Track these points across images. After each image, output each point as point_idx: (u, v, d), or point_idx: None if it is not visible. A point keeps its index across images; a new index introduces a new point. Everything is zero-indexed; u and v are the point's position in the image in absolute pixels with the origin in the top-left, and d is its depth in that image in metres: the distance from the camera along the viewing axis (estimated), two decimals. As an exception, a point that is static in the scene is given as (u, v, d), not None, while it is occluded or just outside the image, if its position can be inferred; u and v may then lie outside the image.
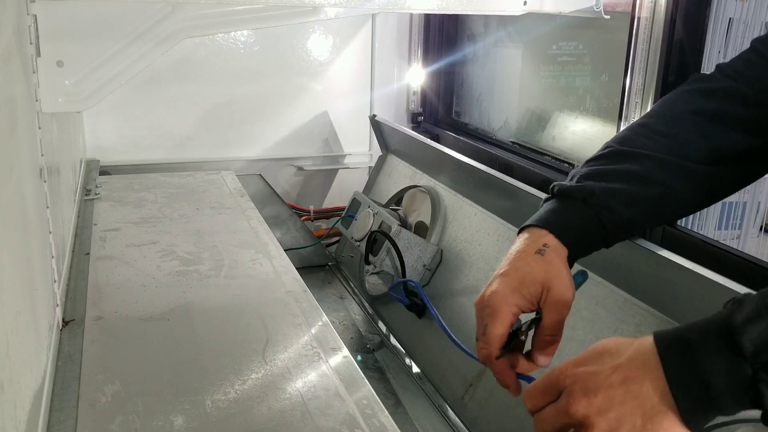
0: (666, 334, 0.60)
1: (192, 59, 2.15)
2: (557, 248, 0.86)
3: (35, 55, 1.01)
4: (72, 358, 0.93)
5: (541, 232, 0.86)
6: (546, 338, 0.79)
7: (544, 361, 0.80)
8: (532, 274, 0.81)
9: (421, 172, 1.80)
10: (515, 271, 0.82)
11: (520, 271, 0.82)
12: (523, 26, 2.07)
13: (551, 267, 0.83)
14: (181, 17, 1.11)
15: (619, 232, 0.89)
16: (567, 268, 0.84)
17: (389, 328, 1.61)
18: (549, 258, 0.83)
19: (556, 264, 0.83)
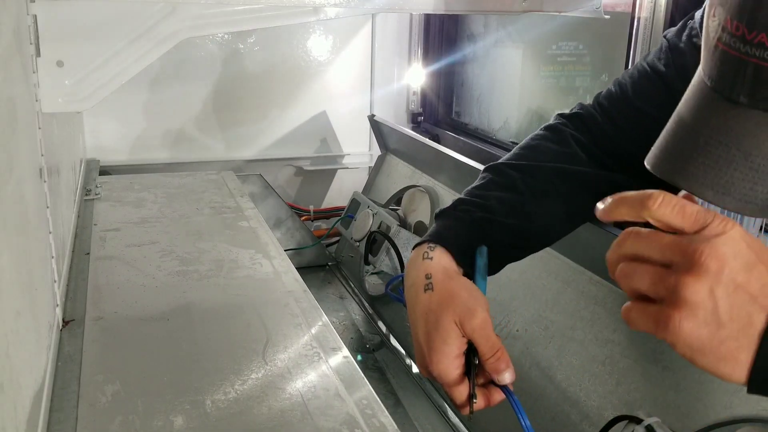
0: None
1: (192, 59, 2.15)
2: (439, 259, 0.84)
3: (35, 55, 1.01)
4: (72, 358, 0.93)
5: (418, 251, 0.86)
6: (490, 363, 0.79)
7: (505, 378, 0.79)
8: (441, 324, 0.80)
9: (421, 172, 1.80)
10: (427, 328, 0.81)
11: (431, 325, 0.81)
12: (523, 26, 2.07)
13: (448, 299, 0.81)
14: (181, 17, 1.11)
15: (502, 230, 0.89)
16: (459, 282, 0.83)
17: (389, 328, 1.61)
18: (438, 289, 0.82)
19: (449, 289, 0.82)
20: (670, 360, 0.93)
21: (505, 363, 0.79)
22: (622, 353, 1.00)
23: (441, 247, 0.86)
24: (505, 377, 0.78)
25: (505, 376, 0.78)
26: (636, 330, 0.55)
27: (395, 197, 1.81)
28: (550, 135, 0.97)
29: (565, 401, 1.05)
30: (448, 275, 0.83)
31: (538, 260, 1.21)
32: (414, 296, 0.85)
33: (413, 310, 0.85)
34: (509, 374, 0.79)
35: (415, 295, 0.84)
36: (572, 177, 0.93)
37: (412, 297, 0.85)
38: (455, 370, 0.80)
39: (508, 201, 0.90)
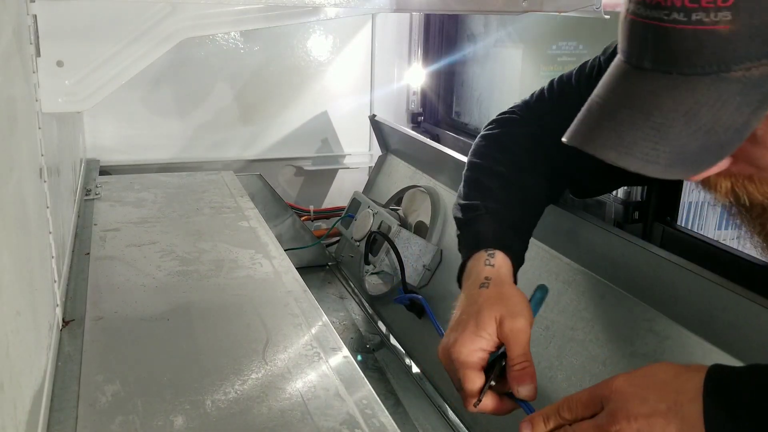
0: (717, 383, 0.60)
1: (192, 59, 2.14)
2: (500, 265, 0.89)
3: (35, 55, 1.01)
4: (72, 358, 0.93)
5: (480, 255, 0.90)
6: (515, 371, 0.79)
7: (525, 391, 0.79)
8: (482, 314, 0.82)
9: (421, 172, 1.80)
10: (467, 315, 0.84)
11: (472, 314, 0.83)
12: (523, 26, 2.07)
13: (498, 298, 0.84)
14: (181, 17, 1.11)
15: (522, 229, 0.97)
16: (514, 289, 0.87)
17: (389, 328, 1.61)
18: (493, 289, 0.86)
19: (502, 292, 0.85)
20: (670, 360, 0.93)
21: (530, 377, 0.79)
22: (623, 353, 1.00)
23: (501, 253, 0.90)
24: (524, 389, 0.78)
25: (525, 389, 0.78)
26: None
27: (396, 197, 1.81)
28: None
29: (566, 401, 1.05)
30: (506, 281, 0.88)
31: (539, 261, 1.21)
32: (468, 289, 0.88)
33: (462, 300, 0.87)
34: (530, 389, 0.79)
35: (469, 288, 0.88)
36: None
37: (467, 289, 0.88)
38: (475, 359, 0.80)
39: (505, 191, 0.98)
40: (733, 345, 0.85)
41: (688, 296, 0.93)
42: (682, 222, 1.41)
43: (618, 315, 1.04)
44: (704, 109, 0.57)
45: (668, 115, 0.59)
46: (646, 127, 0.59)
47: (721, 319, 0.87)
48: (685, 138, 0.58)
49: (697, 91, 0.58)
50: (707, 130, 0.58)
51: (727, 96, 0.57)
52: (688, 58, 0.57)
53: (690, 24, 0.56)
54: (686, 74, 0.58)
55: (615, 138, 0.61)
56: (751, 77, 0.56)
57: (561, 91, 1.05)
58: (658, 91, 0.59)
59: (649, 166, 0.59)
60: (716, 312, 0.88)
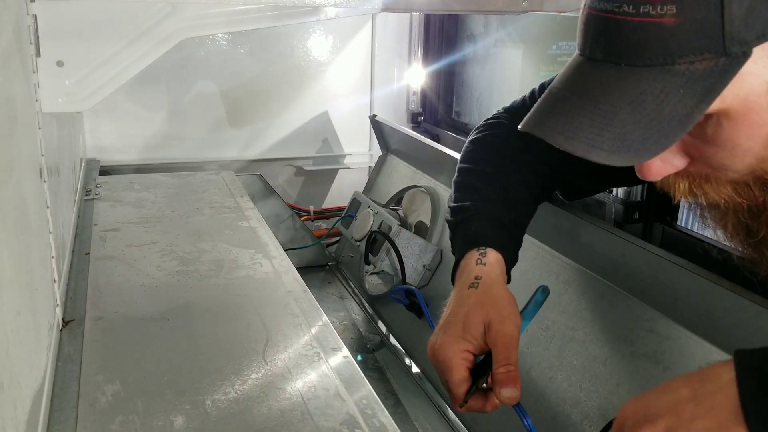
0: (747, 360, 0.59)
1: (192, 59, 2.14)
2: (492, 264, 0.90)
3: (35, 55, 1.01)
4: (72, 358, 0.93)
5: (472, 254, 0.91)
6: (499, 374, 0.79)
7: (507, 394, 0.79)
8: (470, 318, 0.83)
9: (421, 172, 1.80)
10: (455, 317, 0.85)
11: (460, 315, 0.84)
12: (523, 26, 2.07)
13: (486, 300, 0.85)
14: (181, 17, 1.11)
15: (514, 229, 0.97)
16: (503, 291, 0.87)
17: (389, 328, 1.61)
18: (483, 290, 0.86)
19: (492, 293, 0.86)
20: (670, 360, 0.93)
21: (513, 381, 0.79)
22: (623, 353, 1.00)
23: (493, 251, 0.91)
24: (507, 392, 0.79)
25: (507, 392, 0.79)
26: None
27: (396, 197, 1.81)
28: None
29: (566, 401, 1.05)
30: (496, 281, 0.88)
31: (540, 261, 1.21)
32: (458, 288, 0.89)
33: (452, 300, 0.88)
34: (512, 393, 0.79)
35: (459, 288, 0.89)
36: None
37: (457, 290, 0.89)
38: (460, 361, 0.81)
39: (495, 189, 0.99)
40: (733, 345, 0.85)
41: (688, 296, 0.93)
42: (682, 222, 1.41)
43: (618, 315, 1.04)
44: (649, 99, 0.59)
45: (614, 102, 0.60)
46: (592, 114, 0.61)
47: (721, 319, 0.87)
48: (629, 126, 0.60)
49: (642, 82, 0.59)
50: (651, 119, 0.59)
51: (671, 88, 0.58)
52: (635, 49, 0.59)
53: (638, 16, 0.58)
54: (634, 65, 0.60)
55: (563, 123, 0.63)
56: (694, 71, 0.58)
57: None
58: (606, 80, 0.61)
59: (593, 151, 0.61)
60: (716, 312, 0.88)
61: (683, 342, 0.92)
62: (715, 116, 0.60)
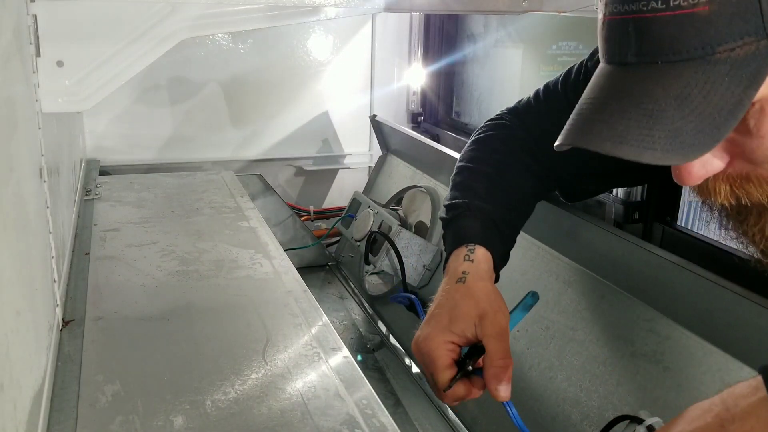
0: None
1: (192, 59, 2.14)
2: (480, 260, 0.90)
3: (35, 55, 1.01)
4: (72, 358, 0.93)
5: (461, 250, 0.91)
6: (495, 368, 0.79)
7: (504, 391, 0.78)
8: (458, 309, 0.83)
9: (421, 172, 1.80)
10: (441, 309, 0.84)
11: (446, 308, 0.84)
12: (523, 26, 2.07)
13: (475, 294, 0.84)
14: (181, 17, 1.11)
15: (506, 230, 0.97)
16: (490, 285, 0.87)
17: (389, 328, 1.61)
18: (471, 284, 0.86)
19: (479, 287, 0.86)
20: (671, 360, 0.93)
21: (508, 377, 0.79)
22: (623, 353, 1.00)
23: (481, 248, 0.90)
24: (504, 389, 0.78)
25: (504, 388, 0.78)
26: None
27: (396, 197, 1.81)
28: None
29: (566, 401, 1.05)
30: (483, 276, 0.88)
31: (540, 261, 1.21)
32: (445, 283, 0.89)
33: (438, 294, 0.88)
34: (506, 389, 0.78)
35: (446, 283, 0.88)
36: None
37: (443, 284, 0.89)
38: (445, 353, 0.81)
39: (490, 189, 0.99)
40: (734, 345, 0.85)
41: (688, 296, 0.93)
42: (682, 222, 1.41)
43: (618, 315, 1.04)
44: (695, 92, 0.57)
45: (659, 100, 0.58)
46: (637, 115, 0.59)
47: (722, 319, 0.87)
48: (678, 121, 0.58)
49: (684, 76, 0.57)
50: (700, 112, 0.57)
51: (716, 77, 0.57)
52: (671, 44, 0.57)
53: (669, 10, 0.56)
54: (672, 61, 0.58)
55: (607, 129, 0.60)
56: (736, 57, 0.56)
57: (547, 97, 1.06)
58: (645, 81, 0.59)
59: (645, 152, 0.58)
60: (716, 312, 0.88)
61: (683, 342, 0.92)
62: (758, 105, 0.58)
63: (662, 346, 0.94)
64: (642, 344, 0.97)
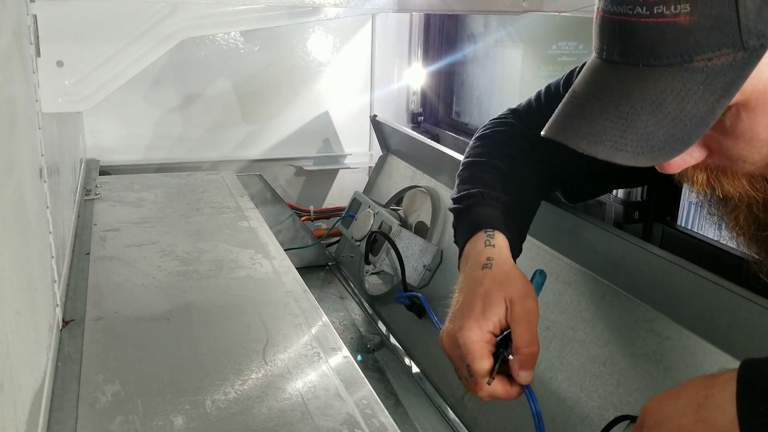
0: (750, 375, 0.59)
1: (192, 59, 2.14)
2: (501, 246, 0.88)
3: (35, 55, 1.01)
4: (72, 358, 0.93)
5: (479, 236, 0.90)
6: (523, 354, 0.79)
7: (527, 376, 0.79)
8: (490, 296, 0.82)
9: (422, 172, 1.80)
10: (472, 297, 0.83)
11: (478, 295, 0.82)
12: (523, 26, 2.07)
13: (504, 279, 0.83)
14: (181, 17, 1.11)
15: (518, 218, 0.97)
16: (518, 271, 0.86)
17: (389, 328, 1.61)
18: (498, 270, 0.85)
19: (507, 272, 0.85)
20: (671, 360, 0.93)
21: (534, 361, 0.79)
22: (623, 354, 1.00)
23: (501, 234, 0.89)
24: (527, 374, 0.79)
25: (527, 374, 0.79)
26: None
27: (396, 197, 1.81)
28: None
29: (566, 401, 1.05)
30: (508, 261, 0.87)
31: (540, 261, 1.21)
32: (470, 271, 0.86)
33: (463, 283, 0.86)
34: (530, 375, 0.79)
35: (471, 270, 0.86)
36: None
37: (468, 271, 0.87)
38: (484, 342, 0.80)
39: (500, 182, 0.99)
40: (734, 345, 0.85)
41: (689, 296, 0.93)
42: (682, 222, 1.41)
43: (618, 315, 1.04)
44: (669, 98, 0.59)
45: (635, 104, 0.60)
46: (614, 116, 0.61)
47: (722, 319, 0.87)
48: (651, 126, 0.60)
49: (662, 81, 0.60)
50: (673, 118, 0.59)
51: (691, 85, 0.59)
52: (652, 50, 0.59)
53: (653, 17, 0.58)
54: (651, 65, 0.60)
55: (586, 127, 0.63)
56: (713, 67, 0.58)
57: (549, 99, 1.07)
58: (625, 82, 0.61)
59: (617, 153, 0.61)
60: (716, 312, 0.88)
61: (683, 342, 0.92)
62: (735, 108, 0.61)
63: (662, 346, 0.94)
64: (642, 344, 0.97)
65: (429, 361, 1.43)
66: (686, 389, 0.63)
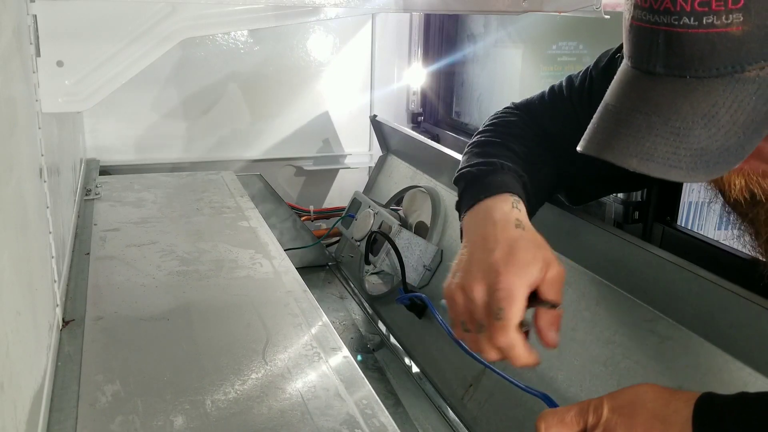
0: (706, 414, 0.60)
1: (192, 59, 2.14)
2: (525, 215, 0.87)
3: (35, 55, 1.01)
4: (72, 358, 0.93)
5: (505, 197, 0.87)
6: (553, 315, 0.79)
7: (556, 337, 0.79)
8: (528, 252, 0.80)
9: (422, 172, 1.80)
10: (511, 249, 0.80)
11: (518, 249, 0.80)
12: (523, 26, 2.07)
13: (540, 241, 0.83)
14: (181, 17, 1.11)
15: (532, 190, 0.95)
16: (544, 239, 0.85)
17: (389, 328, 1.61)
18: (531, 233, 0.84)
19: (539, 237, 0.84)
20: (671, 360, 0.93)
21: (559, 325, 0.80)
22: (624, 354, 1.00)
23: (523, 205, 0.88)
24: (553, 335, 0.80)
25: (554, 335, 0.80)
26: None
27: (396, 197, 1.81)
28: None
29: (566, 402, 1.05)
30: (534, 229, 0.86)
31: (539, 260, 1.21)
32: (501, 228, 0.83)
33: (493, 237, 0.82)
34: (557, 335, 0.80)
35: (502, 227, 0.83)
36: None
37: (498, 229, 0.83)
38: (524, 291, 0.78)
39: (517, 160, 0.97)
40: (734, 345, 0.85)
41: (689, 296, 0.93)
42: (682, 222, 1.41)
43: (618, 315, 1.04)
44: (722, 111, 0.57)
45: (686, 118, 0.58)
46: (665, 132, 0.59)
47: (722, 319, 0.87)
48: (705, 140, 0.58)
49: (713, 93, 0.58)
50: (726, 131, 0.58)
51: (744, 96, 0.57)
52: (701, 61, 0.57)
53: (702, 28, 0.56)
54: (701, 77, 0.58)
55: (634, 144, 0.60)
56: (765, 76, 0.57)
57: (553, 101, 1.06)
58: (673, 95, 0.59)
59: (671, 170, 0.59)
60: (717, 312, 0.88)
61: (684, 342, 0.92)
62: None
63: (663, 346, 0.94)
64: (642, 345, 0.97)
65: (429, 361, 1.43)
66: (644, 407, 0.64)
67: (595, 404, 0.67)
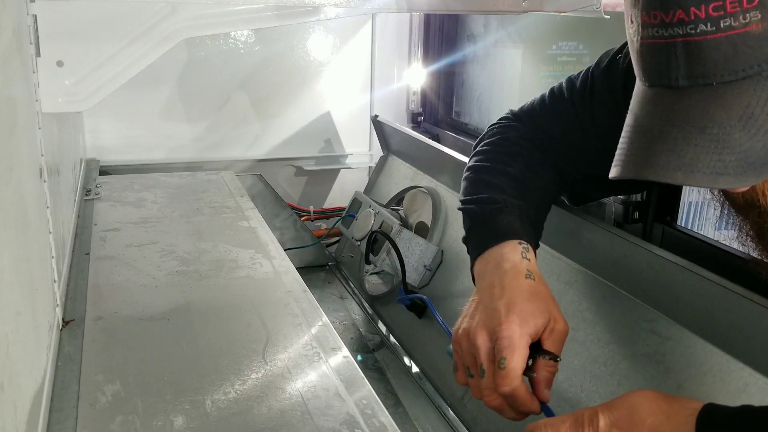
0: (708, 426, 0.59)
1: (192, 59, 2.14)
2: (534, 263, 0.88)
3: (35, 55, 1.01)
4: (72, 358, 0.93)
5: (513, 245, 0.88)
6: (550, 372, 0.80)
7: (547, 395, 0.80)
8: (536, 306, 0.82)
9: (422, 172, 1.80)
10: (519, 299, 0.82)
11: (522, 299, 0.82)
12: (523, 26, 2.07)
13: (548, 294, 0.84)
14: (181, 17, 1.11)
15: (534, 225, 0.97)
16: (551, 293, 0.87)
17: (389, 328, 1.61)
18: (540, 284, 0.85)
19: (547, 290, 0.85)
20: (672, 361, 0.93)
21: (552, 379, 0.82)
22: (624, 354, 1.00)
23: (532, 249, 0.89)
24: (547, 392, 0.81)
25: (548, 391, 0.81)
26: None
27: (397, 197, 1.81)
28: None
29: (566, 402, 1.05)
30: (543, 281, 0.87)
31: (540, 262, 1.21)
32: (511, 277, 0.84)
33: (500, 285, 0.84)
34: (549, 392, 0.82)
35: (512, 276, 0.84)
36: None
37: (507, 278, 0.85)
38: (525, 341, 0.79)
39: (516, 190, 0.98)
40: (735, 345, 0.85)
41: (689, 296, 0.93)
42: (682, 222, 1.41)
43: (619, 315, 1.03)
44: (758, 110, 0.57)
45: (723, 123, 0.57)
46: (704, 141, 0.58)
47: (723, 319, 0.87)
48: (747, 142, 0.57)
49: (744, 95, 0.57)
50: (767, 129, 0.57)
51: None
52: (726, 65, 0.56)
53: (720, 32, 0.55)
54: (728, 81, 0.57)
55: (675, 158, 0.59)
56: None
57: (554, 103, 1.05)
58: (703, 104, 0.58)
59: (719, 178, 0.58)
60: (717, 312, 0.88)
61: (685, 342, 0.92)
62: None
63: (663, 346, 0.94)
64: (643, 345, 0.97)
65: (429, 361, 1.43)
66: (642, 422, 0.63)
67: (589, 415, 0.66)
